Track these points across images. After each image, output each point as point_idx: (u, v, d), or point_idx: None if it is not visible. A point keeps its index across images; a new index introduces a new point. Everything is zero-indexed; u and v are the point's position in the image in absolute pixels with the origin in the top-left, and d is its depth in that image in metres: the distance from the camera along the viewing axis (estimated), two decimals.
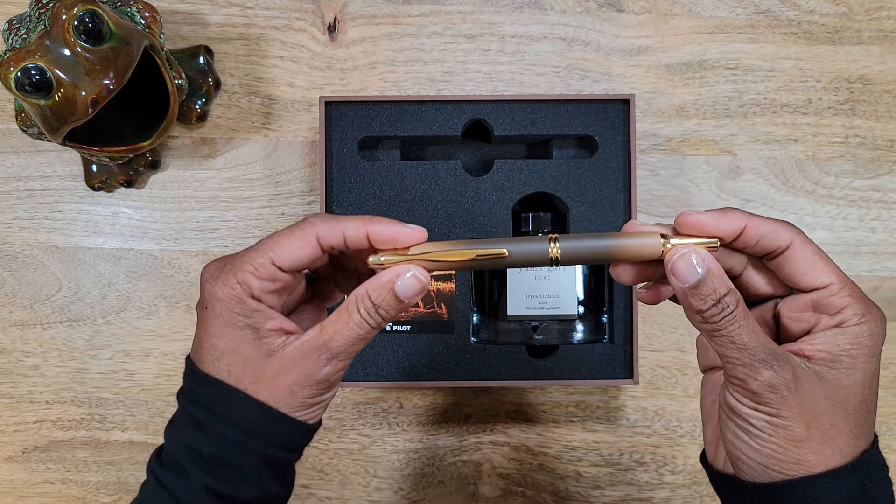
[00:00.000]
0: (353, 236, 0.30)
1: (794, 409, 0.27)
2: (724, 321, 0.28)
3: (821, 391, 0.28)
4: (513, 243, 0.30)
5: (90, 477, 0.51)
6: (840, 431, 0.28)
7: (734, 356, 0.28)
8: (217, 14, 0.51)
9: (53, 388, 0.51)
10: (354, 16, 0.52)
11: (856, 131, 0.52)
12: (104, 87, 0.40)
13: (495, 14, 0.52)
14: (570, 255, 0.30)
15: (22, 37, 0.42)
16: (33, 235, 0.51)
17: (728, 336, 0.28)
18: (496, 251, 0.30)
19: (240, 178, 0.51)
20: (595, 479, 0.52)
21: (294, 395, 0.30)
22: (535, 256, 0.30)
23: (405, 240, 0.30)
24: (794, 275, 0.29)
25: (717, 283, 0.28)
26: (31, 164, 0.51)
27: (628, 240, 0.29)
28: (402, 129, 0.48)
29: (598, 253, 0.30)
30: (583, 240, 0.30)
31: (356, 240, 0.30)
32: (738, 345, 0.27)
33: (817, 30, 0.52)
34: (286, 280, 0.30)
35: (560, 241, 0.30)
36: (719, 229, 0.29)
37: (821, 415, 0.28)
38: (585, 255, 0.30)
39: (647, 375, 0.51)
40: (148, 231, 0.51)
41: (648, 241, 0.29)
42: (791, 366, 0.28)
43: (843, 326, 0.28)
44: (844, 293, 0.28)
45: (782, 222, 0.29)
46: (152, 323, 0.51)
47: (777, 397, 0.27)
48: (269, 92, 0.51)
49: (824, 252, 0.29)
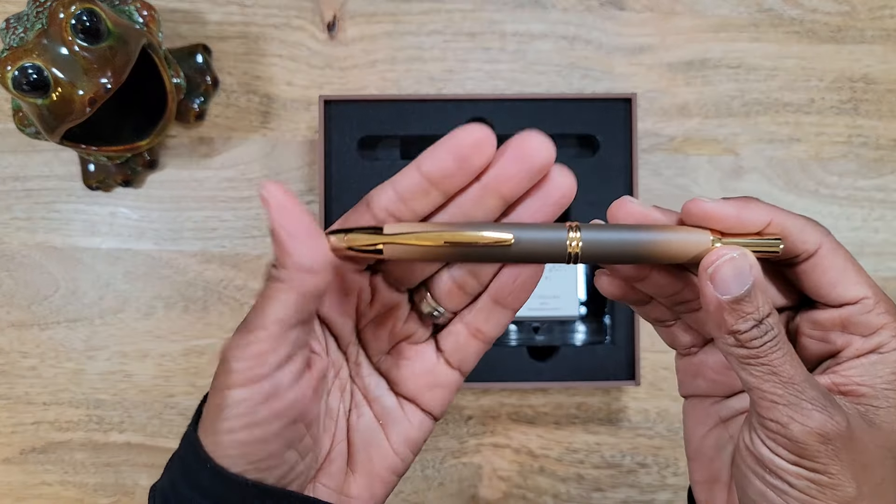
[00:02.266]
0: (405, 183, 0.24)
1: (846, 463, 0.22)
2: (767, 347, 0.22)
3: (871, 438, 0.23)
4: (520, 229, 0.24)
5: (88, 478, 0.51)
6: (890, 485, 0.23)
7: (774, 393, 0.22)
8: (215, 12, 0.51)
9: (51, 389, 0.51)
10: (354, 14, 0.51)
11: (859, 131, 0.52)
12: (102, 87, 0.40)
13: (496, 12, 0.51)
14: (593, 251, 0.23)
15: (19, 36, 0.42)
16: (31, 235, 0.51)
17: (769, 366, 0.22)
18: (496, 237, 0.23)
19: (238, 177, 0.51)
20: (597, 481, 0.51)
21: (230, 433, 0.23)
22: (548, 249, 0.23)
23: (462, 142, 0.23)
24: (821, 285, 0.24)
25: (762, 300, 0.22)
26: (29, 164, 0.51)
27: (672, 234, 0.23)
28: (401, 128, 0.48)
29: (630, 250, 0.23)
30: (611, 232, 0.24)
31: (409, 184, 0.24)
32: (782, 378, 0.22)
33: (820, 29, 0.52)
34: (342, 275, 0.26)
35: (583, 230, 0.23)
36: (740, 223, 0.24)
37: (873, 467, 0.23)
38: (613, 251, 0.24)
39: (649, 377, 0.51)
40: (146, 231, 0.51)
41: (695, 238, 0.23)
42: (843, 409, 0.22)
43: (881, 352, 0.23)
44: (881, 309, 0.23)
45: (809, 220, 0.24)
46: (150, 324, 0.51)
47: (828, 449, 0.22)
48: (267, 91, 0.51)
49: (854, 258, 0.24)
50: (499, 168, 0.23)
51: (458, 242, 0.23)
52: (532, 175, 0.24)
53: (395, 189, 0.24)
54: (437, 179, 0.23)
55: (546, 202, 0.24)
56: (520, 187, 0.24)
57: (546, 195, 0.24)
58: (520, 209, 0.25)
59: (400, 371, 0.27)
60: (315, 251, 0.23)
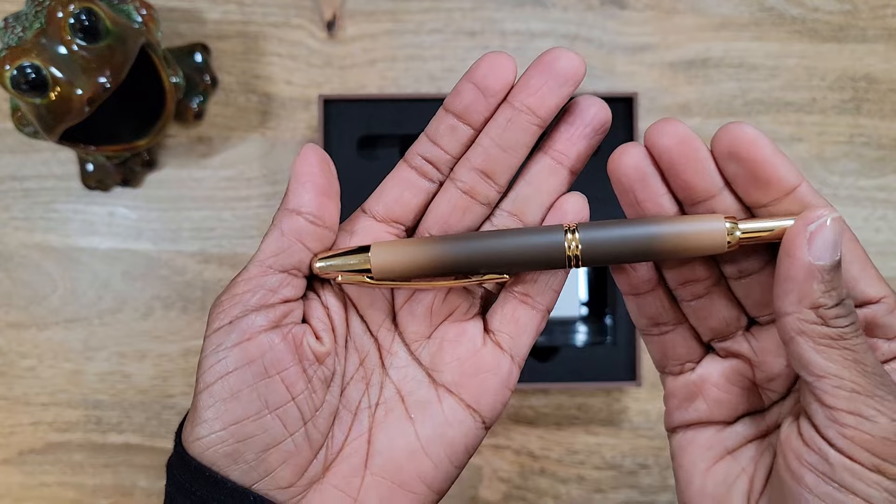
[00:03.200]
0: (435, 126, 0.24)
1: None
2: (851, 329, 0.20)
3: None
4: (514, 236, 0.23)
5: (87, 479, 0.51)
6: None
7: (856, 382, 0.19)
8: (214, 11, 0.51)
9: (49, 389, 0.51)
10: (353, 12, 0.51)
11: (861, 130, 0.51)
12: (100, 86, 0.39)
13: (496, 11, 0.51)
14: (596, 252, 0.22)
15: (18, 35, 0.42)
16: (29, 235, 0.51)
17: (852, 351, 0.19)
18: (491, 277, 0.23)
19: (237, 177, 0.51)
20: (597, 482, 0.51)
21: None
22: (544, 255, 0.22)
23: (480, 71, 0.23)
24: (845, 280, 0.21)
25: (839, 278, 0.20)
26: (27, 164, 0.51)
27: (681, 225, 0.21)
28: (401, 127, 0.48)
29: (636, 247, 0.22)
30: (613, 229, 0.22)
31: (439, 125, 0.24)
32: (865, 367, 0.19)
33: (822, 27, 0.51)
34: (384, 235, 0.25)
35: (580, 231, 0.22)
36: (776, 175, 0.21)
37: None
38: (617, 251, 0.22)
39: (650, 378, 0.51)
40: (144, 231, 0.51)
41: (709, 227, 0.21)
42: None
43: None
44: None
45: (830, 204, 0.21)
46: (148, 324, 0.51)
47: None
48: (266, 90, 0.51)
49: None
50: (523, 82, 0.23)
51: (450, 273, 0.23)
52: (561, 85, 0.23)
53: (427, 134, 0.24)
54: (460, 111, 0.23)
55: (583, 126, 0.24)
56: (550, 101, 0.23)
57: (581, 119, 0.24)
58: (557, 138, 0.24)
59: (441, 355, 0.25)
60: (309, 197, 0.23)
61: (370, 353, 0.25)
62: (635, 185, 0.22)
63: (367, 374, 0.25)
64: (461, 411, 0.24)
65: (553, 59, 0.22)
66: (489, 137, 0.23)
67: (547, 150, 0.24)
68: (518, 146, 0.24)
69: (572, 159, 0.24)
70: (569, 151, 0.24)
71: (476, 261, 0.23)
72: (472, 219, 0.24)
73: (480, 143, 0.24)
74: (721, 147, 0.21)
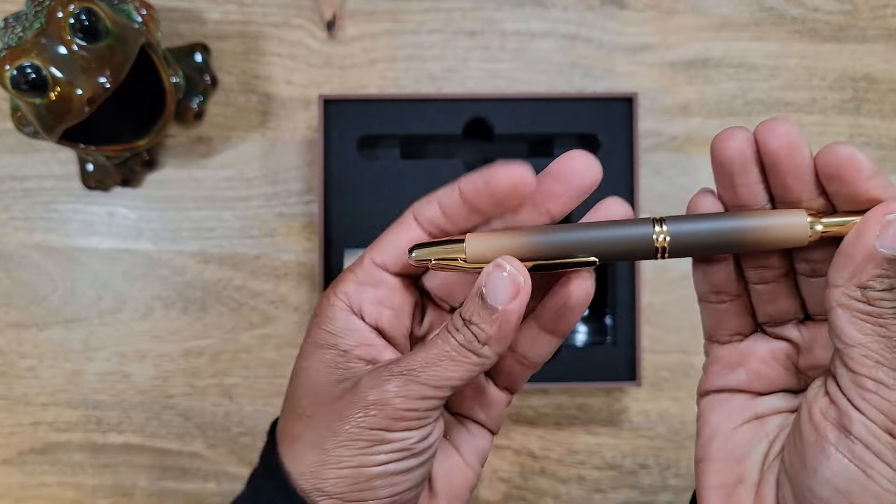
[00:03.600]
0: (446, 200, 0.24)
1: None
2: (892, 312, 0.21)
3: None
4: (605, 228, 0.23)
5: (86, 480, 0.51)
6: None
7: (881, 354, 0.21)
8: (214, 11, 0.51)
9: (49, 389, 0.51)
10: (353, 12, 0.51)
11: (861, 130, 0.51)
12: (100, 86, 0.39)
13: (496, 11, 0.51)
14: (683, 243, 0.23)
15: (18, 35, 0.42)
16: (29, 235, 0.51)
17: (885, 329, 0.21)
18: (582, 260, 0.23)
19: (237, 177, 0.51)
20: (598, 482, 0.51)
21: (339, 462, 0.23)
22: (634, 246, 0.23)
23: (499, 184, 0.23)
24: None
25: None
26: (27, 164, 0.51)
27: (766, 219, 0.22)
28: (401, 127, 0.48)
29: (720, 239, 0.23)
30: (699, 222, 0.23)
31: (450, 202, 0.24)
32: (893, 343, 0.21)
33: (822, 27, 0.51)
34: (393, 285, 0.25)
35: (668, 224, 0.23)
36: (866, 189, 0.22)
37: None
38: (703, 242, 0.23)
39: (650, 378, 0.51)
40: (144, 231, 0.51)
41: (793, 221, 0.22)
42: None
43: None
44: None
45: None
46: (148, 324, 0.51)
47: None
48: (266, 90, 0.51)
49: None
50: (547, 188, 0.24)
51: (541, 262, 0.23)
52: (582, 193, 0.24)
53: (440, 203, 0.25)
54: (475, 204, 0.24)
55: (575, 192, 0.25)
56: (569, 207, 0.24)
57: (575, 184, 0.24)
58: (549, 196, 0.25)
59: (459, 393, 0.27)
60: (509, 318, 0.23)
61: None
62: (735, 170, 0.23)
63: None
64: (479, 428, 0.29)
65: (575, 170, 0.24)
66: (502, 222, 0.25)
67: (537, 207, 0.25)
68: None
69: (556, 215, 0.25)
70: (556, 212, 0.25)
71: (568, 248, 0.23)
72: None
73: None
74: (825, 167, 0.22)
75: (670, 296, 0.51)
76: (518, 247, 0.23)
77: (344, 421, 0.23)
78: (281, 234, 0.51)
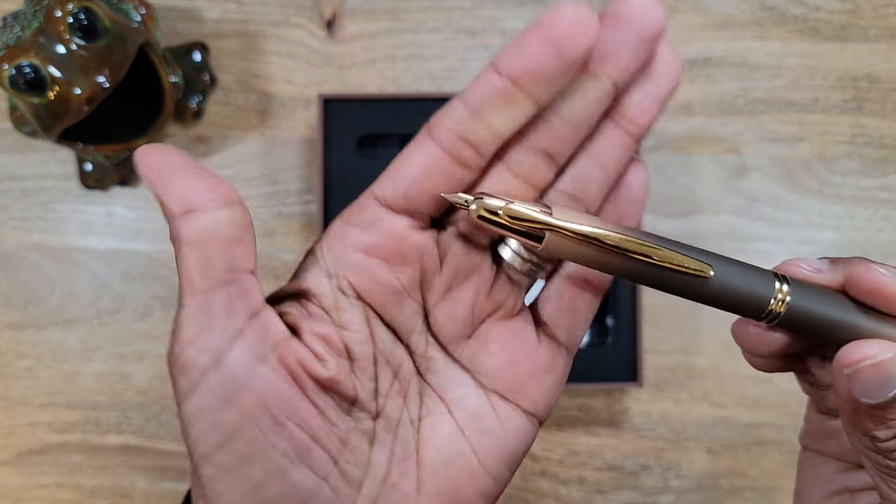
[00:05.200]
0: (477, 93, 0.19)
1: None
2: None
3: None
4: (720, 262, 0.19)
5: (85, 481, 0.50)
6: None
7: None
8: (213, 10, 0.51)
9: (48, 390, 0.50)
10: (353, 11, 0.51)
11: (863, 130, 0.51)
12: (99, 85, 0.39)
13: (497, 10, 0.51)
14: (798, 316, 0.19)
15: (16, 34, 0.42)
16: (27, 235, 0.51)
17: None
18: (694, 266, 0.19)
19: (236, 176, 0.51)
20: (598, 483, 0.51)
21: None
22: (745, 297, 0.19)
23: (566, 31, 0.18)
24: None
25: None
26: (25, 164, 0.51)
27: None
28: (401, 126, 0.47)
29: (838, 332, 0.19)
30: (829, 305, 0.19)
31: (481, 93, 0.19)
32: None
33: (824, 27, 0.51)
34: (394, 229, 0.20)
35: (792, 288, 0.19)
36: None
37: None
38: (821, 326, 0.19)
39: (651, 378, 0.51)
40: (143, 231, 0.51)
41: None
42: None
43: None
44: None
45: None
46: (147, 325, 0.50)
47: None
48: (265, 89, 0.51)
49: None
50: (600, 41, 0.18)
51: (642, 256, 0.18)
52: (644, 45, 0.19)
53: (466, 102, 0.19)
54: (520, 74, 0.18)
55: (658, 89, 0.20)
56: (631, 65, 0.19)
57: (657, 79, 0.19)
58: (627, 104, 0.20)
59: (489, 359, 0.21)
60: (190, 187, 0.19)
61: (403, 363, 0.21)
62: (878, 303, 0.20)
63: (403, 387, 0.21)
64: (519, 418, 0.22)
65: (634, 12, 0.18)
66: (558, 111, 0.19)
67: (615, 118, 0.20)
68: (589, 120, 0.19)
69: (642, 128, 0.20)
70: (640, 119, 0.20)
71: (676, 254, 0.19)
72: None
73: (547, 118, 0.19)
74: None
75: (671, 296, 0.50)
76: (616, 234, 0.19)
77: None
78: (280, 235, 0.50)
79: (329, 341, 0.19)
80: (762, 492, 0.50)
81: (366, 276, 0.20)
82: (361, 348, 0.20)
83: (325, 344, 0.19)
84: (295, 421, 0.18)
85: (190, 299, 0.18)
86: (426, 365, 0.21)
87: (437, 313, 0.21)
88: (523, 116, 0.19)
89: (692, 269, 0.19)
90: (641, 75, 0.19)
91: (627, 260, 0.19)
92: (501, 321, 0.21)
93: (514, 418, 0.21)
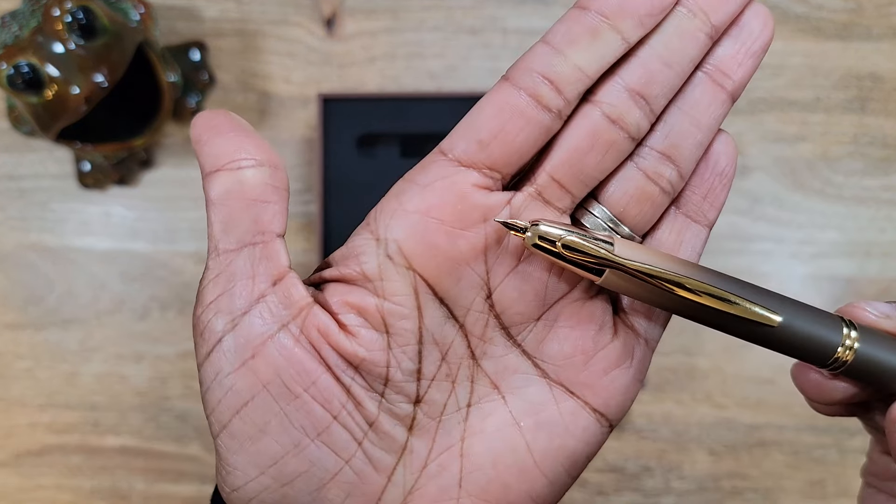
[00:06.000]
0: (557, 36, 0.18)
1: None
2: None
3: None
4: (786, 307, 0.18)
5: (84, 482, 0.50)
6: None
7: None
8: (212, 9, 0.51)
9: (46, 391, 0.50)
10: (353, 10, 0.51)
11: (865, 129, 0.51)
12: (97, 84, 0.39)
13: (497, 8, 0.51)
14: (865, 365, 0.18)
15: (14, 33, 0.42)
16: (25, 235, 0.50)
17: None
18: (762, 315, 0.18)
19: None
20: (600, 485, 0.51)
21: None
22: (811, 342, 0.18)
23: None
24: None
25: None
26: (23, 163, 0.51)
27: None
28: (401, 125, 0.47)
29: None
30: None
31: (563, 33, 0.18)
32: None
33: (826, 26, 0.51)
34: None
35: (861, 335, 0.18)
36: None
37: None
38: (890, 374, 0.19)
39: (653, 380, 0.50)
40: (141, 231, 0.50)
41: None
42: None
43: None
44: None
45: None
46: (146, 325, 0.50)
47: None
48: (264, 88, 0.51)
49: None
50: None
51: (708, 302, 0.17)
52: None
53: (549, 42, 0.18)
54: (611, 9, 0.17)
55: (752, 41, 0.19)
56: (729, 6, 0.18)
57: (749, 32, 0.19)
58: (720, 55, 0.19)
59: (556, 345, 0.19)
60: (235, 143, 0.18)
61: (454, 343, 0.19)
62: None
63: (451, 370, 0.19)
64: (586, 416, 0.19)
65: None
66: (652, 48, 0.18)
67: (707, 70, 0.19)
68: (684, 62, 0.18)
69: (736, 83, 0.19)
70: (734, 73, 0.19)
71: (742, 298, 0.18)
72: (613, 161, 0.18)
73: (639, 54, 0.18)
74: None
75: None
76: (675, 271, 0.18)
77: None
78: None
79: (365, 312, 0.18)
80: (764, 493, 0.50)
81: (420, 239, 0.18)
82: (403, 323, 0.18)
83: (359, 315, 0.18)
84: (312, 394, 0.18)
85: (213, 261, 0.18)
86: (482, 349, 0.19)
87: (504, 289, 0.19)
88: (611, 54, 0.17)
89: (759, 318, 0.18)
90: (734, 27, 0.19)
91: (693, 304, 0.18)
92: (575, 303, 0.19)
93: (580, 416, 0.19)
